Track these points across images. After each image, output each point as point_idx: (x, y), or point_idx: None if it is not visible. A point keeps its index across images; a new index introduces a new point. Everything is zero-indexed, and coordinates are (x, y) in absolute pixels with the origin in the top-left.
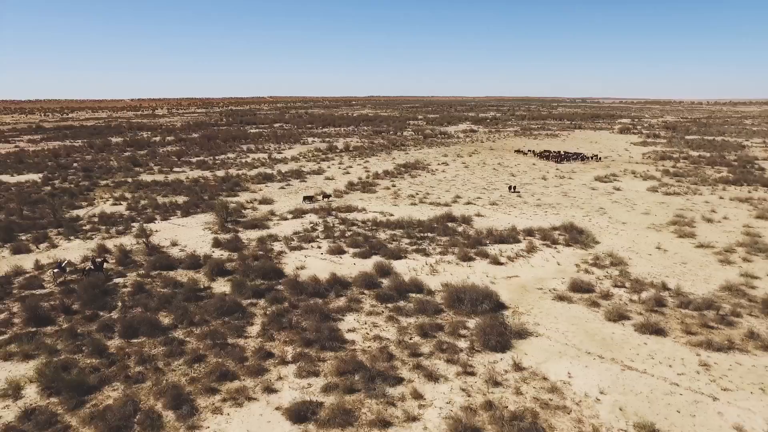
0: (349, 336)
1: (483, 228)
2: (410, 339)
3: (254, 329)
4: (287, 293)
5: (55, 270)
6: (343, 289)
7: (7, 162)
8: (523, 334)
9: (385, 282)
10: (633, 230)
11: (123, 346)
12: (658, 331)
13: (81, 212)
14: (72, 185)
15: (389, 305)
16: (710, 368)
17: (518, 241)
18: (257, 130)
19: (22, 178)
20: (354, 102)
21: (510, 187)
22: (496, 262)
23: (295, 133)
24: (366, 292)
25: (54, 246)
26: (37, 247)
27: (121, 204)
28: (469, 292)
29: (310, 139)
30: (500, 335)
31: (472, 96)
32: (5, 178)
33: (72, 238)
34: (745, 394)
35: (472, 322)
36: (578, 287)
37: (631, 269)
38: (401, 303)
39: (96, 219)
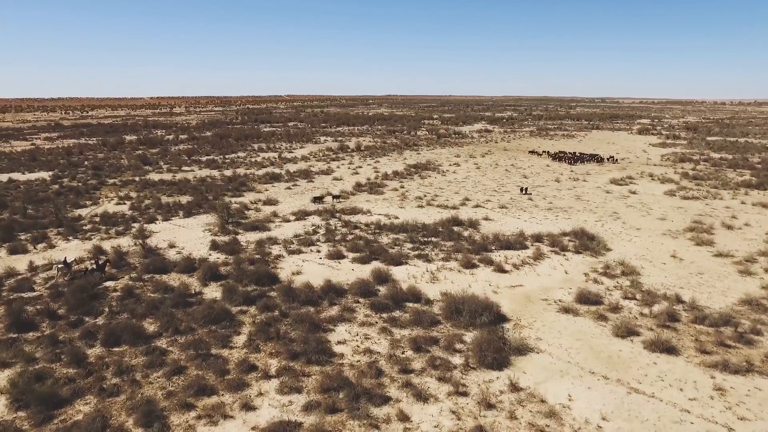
0: (338, 349)
1: (490, 233)
2: (402, 353)
3: (240, 339)
4: (279, 300)
5: (60, 266)
6: (338, 297)
7: (21, 160)
8: (523, 350)
9: (383, 290)
10: (647, 237)
11: (103, 355)
12: (670, 350)
13: (85, 211)
14: (80, 184)
15: (384, 315)
16: (726, 393)
17: (525, 247)
18: (271, 129)
19: (33, 176)
20: (371, 101)
21: (521, 189)
22: (500, 269)
23: (308, 132)
24: (361, 300)
25: (51, 246)
26: (35, 248)
27: (125, 203)
28: (469, 302)
29: (322, 138)
30: (498, 351)
31: (490, 96)
32: (17, 176)
33: (71, 238)
34: (765, 424)
35: (469, 336)
36: (585, 299)
37: (644, 279)
38: (397, 313)
39: (97, 219)
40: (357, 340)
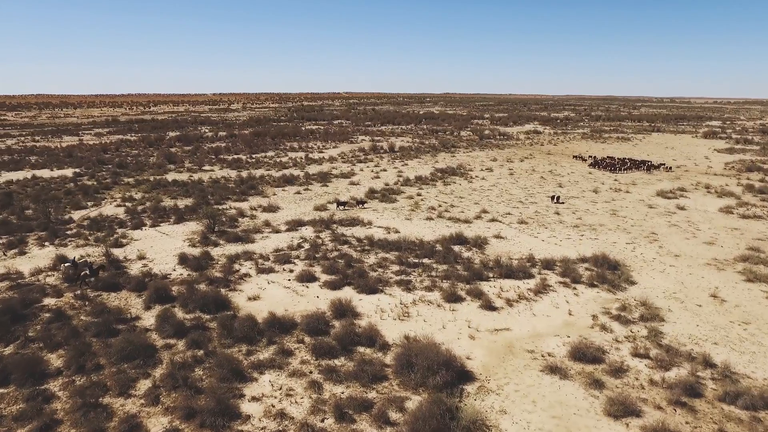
0: (248, 407)
1: (495, 255)
2: (321, 421)
3: (145, 385)
4: (215, 334)
5: (67, 264)
6: (282, 334)
7: (58, 156)
8: (475, 430)
9: (337, 327)
10: (686, 266)
11: None
12: None
13: (82, 213)
14: (95, 182)
15: (324, 363)
16: None
17: (530, 276)
18: (314, 127)
19: (58, 173)
20: (428, 99)
21: (552, 197)
22: (488, 306)
23: (348, 130)
24: (306, 340)
25: (22, 253)
26: (5, 254)
27: (125, 205)
28: (424, 354)
29: (360, 138)
30: (438, 430)
31: (552, 95)
32: (44, 172)
33: (47, 244)
34: None
35: (415, 401)
36: (582, 354)
37: (667, 328)
38: (340, 361)
39: (86, 223)
40: (276, 397)
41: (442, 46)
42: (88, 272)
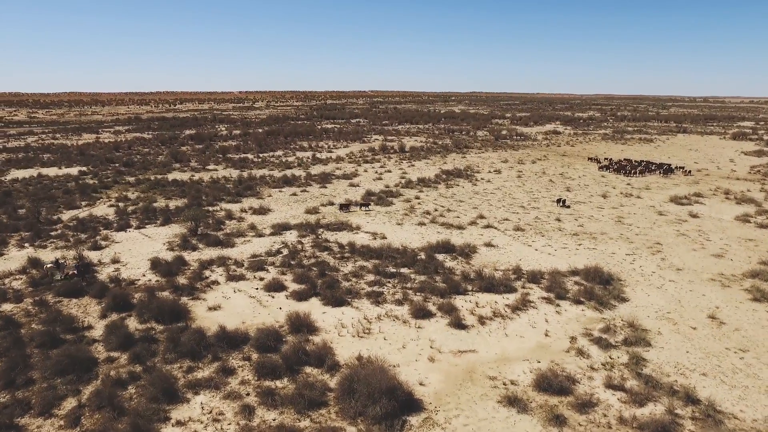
0: None
1: (480, 265)
2: None
3: (71, 404)
4: (162, 347)
5: (49, 265)
6: (230, 350)
7: (71, 154)
8: None
9: (290, 342)
10: (687, 282)
11: None
12: None
13: (73, 213)
14: (95, 181)
15: (264, 384)
16: None
17: (511, 290)
18: (330, 126)
19: (64, 171)
20: (453, 98)
21: (558, 201)
22: (457, 324)
23: (364, 129)
24: (254, 356)
25: (0, 255)
26: None
27: (117, 206)
28: (367, 380)
29: (373, 137)
30: None
31: (580, 94)
32: (52, 170)
33: (26, 245)
34: None
35: None
36: (549, 383)
37: (651, 354)
38: (281, 382)
39: (73, 224)
40: (203, 422)
41: (471, 45)
42: (75, 272)
